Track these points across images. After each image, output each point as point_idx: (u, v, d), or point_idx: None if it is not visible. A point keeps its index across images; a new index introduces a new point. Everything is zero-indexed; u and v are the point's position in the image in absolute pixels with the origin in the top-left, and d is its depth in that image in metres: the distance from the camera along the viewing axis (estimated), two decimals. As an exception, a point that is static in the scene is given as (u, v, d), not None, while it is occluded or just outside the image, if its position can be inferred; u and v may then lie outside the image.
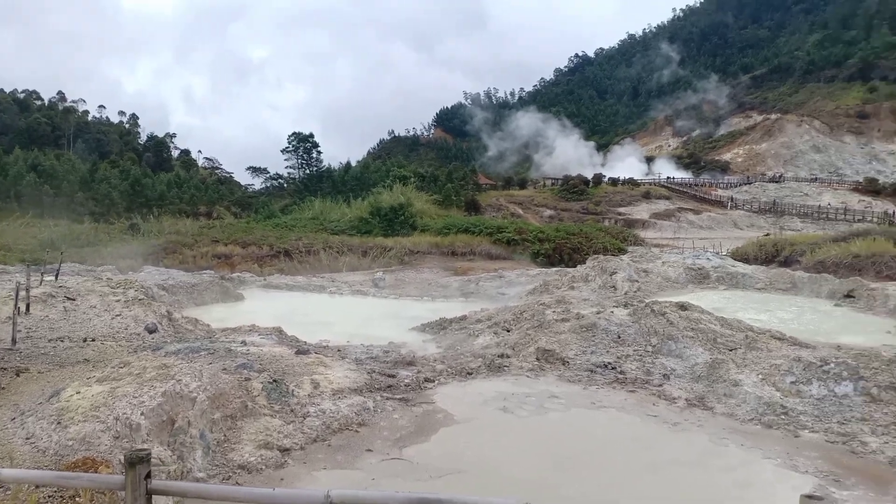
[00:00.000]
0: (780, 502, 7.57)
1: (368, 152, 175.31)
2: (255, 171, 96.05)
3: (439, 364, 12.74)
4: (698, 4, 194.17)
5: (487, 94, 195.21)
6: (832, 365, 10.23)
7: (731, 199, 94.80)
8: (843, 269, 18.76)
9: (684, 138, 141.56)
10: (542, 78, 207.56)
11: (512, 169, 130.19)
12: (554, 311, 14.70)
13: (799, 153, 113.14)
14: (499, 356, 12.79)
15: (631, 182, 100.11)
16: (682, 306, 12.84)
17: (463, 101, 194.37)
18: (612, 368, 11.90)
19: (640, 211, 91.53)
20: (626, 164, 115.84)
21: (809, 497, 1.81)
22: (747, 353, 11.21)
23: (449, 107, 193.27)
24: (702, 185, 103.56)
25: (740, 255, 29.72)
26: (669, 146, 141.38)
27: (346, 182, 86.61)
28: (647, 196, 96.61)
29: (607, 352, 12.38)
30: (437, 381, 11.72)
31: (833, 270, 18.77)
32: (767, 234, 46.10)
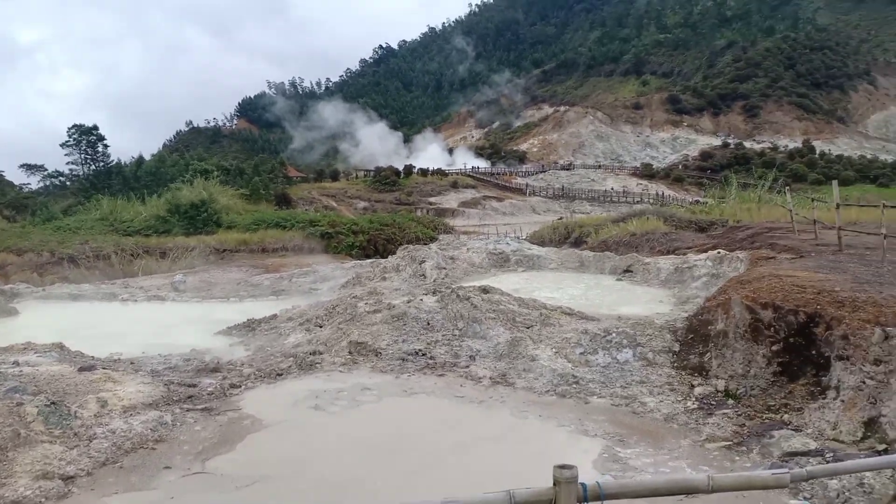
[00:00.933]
0: (576, 462, 8.21)
1: (164, 145, 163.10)
2: (30, 168, 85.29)
3: (247, 368, 12.21)
4: (491, 1, 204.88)
5: (293, 84, 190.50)
6: (614, 335, 11.29)
7: (527, 185, 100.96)
8: (622, 246, 20.92)
9: (486, 130, 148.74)
10: (348, 68, 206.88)
11: (322, 161, 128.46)
12: (366, 303, 14.69)
13: (585, 142, 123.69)
14: (311, 353, 12.53)
15: (440, 172, 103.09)
16: (485, 290, 13.45)
17: (267, 91, 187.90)
18: (423, 355, 12.16)
19: (450, 200, 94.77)
20: (432, 154, 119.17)
21: (562, 467, 1.90)
22: (542, 330, 12.01)
23: (252, 96, 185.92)
24: (503, 174, 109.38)
25: (537, 238, 31.89)
26: (473, 137, 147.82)
27: (140, 178, 79.94)
28: (454, 186, 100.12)
29: (418, 339, 12.61)
30: (244, 386, 11.21)
31: (614, 248, 20.86)
32: (560, 218, 49.94)
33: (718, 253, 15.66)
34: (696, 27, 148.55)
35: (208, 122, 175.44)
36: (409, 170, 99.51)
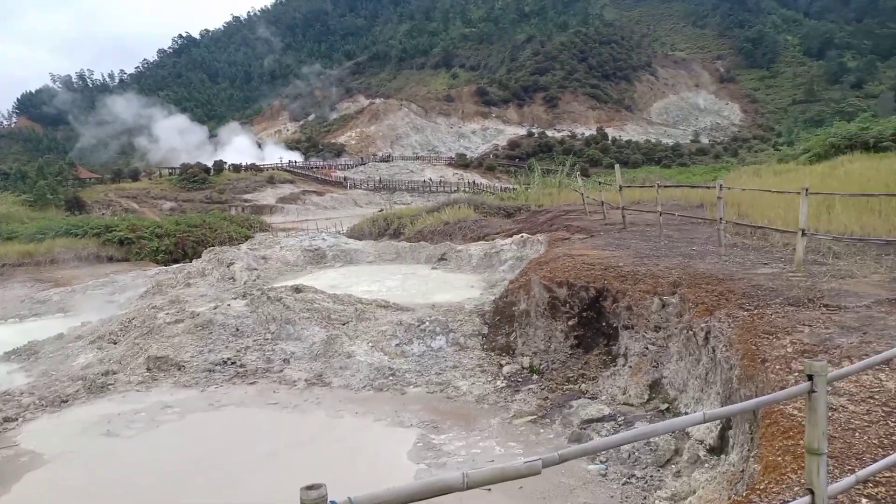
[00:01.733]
0: (385, 457, 8.19)
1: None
2: None
3: (27, 397, 10.81)
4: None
5: (81, 76, 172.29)
6: (427, 323, 11.42)
7: (346, 178, 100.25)
8: (437, 235, 21.42)
9: (301, 123, 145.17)
10: (144, 59, 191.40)
11: (119, 160, 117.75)
12: (167, 314, 13.62)
13: (402, 134, 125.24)
14: (103, 374, 11.36)
15: (254, 168, 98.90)
16: (297, 289, 13.03)
17: (51, 84, 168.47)
18: (233, 363, 11.51)
19: (267, 196, 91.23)
20: (241, 148, 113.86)
21: (309, 488, 1.73)
22: (358, 325, 11.87)
23: (34, 91, 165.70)
24: (322, 168, 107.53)
25: (357, 232, 31.71)
26: (288, 130, 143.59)
27: None
28: (271, 181, 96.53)
29: (226, 347, 11.92)
30: (22, 419, 9.93)
31: (430, 238, 21.30)
32: (381, 210, 50.11)
33: (522, 237, 16.50)
34: (498, 22, 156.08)
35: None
36: (219, 166, 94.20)
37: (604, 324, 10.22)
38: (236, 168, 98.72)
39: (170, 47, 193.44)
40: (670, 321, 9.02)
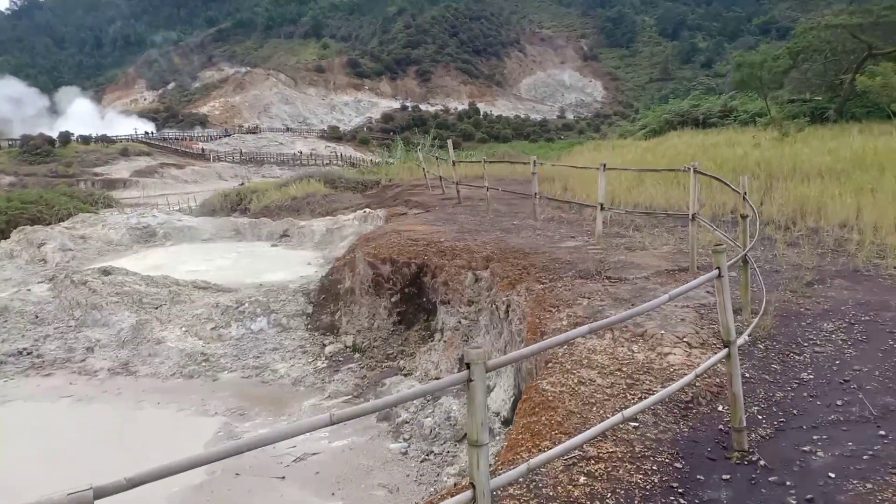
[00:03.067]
0: (181, 449, 7.67)
1: None
2: None
3: None
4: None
5: None
6: (247, 304, 10.90)
7: (209, 151, 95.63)
8: (284, 211, 20.67)
9: (160, 92, 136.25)
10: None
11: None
12: (-42, 301, 12.12)
13: (270, 105, 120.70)
14: None
15: (105, 139, 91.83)
16: (106, 271, 12.02)
17: None
18: (28, 354, 10.48)
19: (120, 170, 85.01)
20: (87, 119, 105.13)
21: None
22: (172, 308, 11.14)
23: None
24: (183, 140, 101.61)
25: (209, 207, 30.07)
26: (145, 100, 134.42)
27: None
28: (125, 154, 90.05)
29: (23, 336, 10.83)
30: None
31: (276, 214, 20.52)
32: (242, 184, 47.95)
33: (364, 212, 16.21)
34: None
35: None
36: (66, 137, 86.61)
37: (424, 299, 10.18)
38: (85, 140, 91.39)
39: (7, 9, 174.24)
40: (482, 295, 9.08)
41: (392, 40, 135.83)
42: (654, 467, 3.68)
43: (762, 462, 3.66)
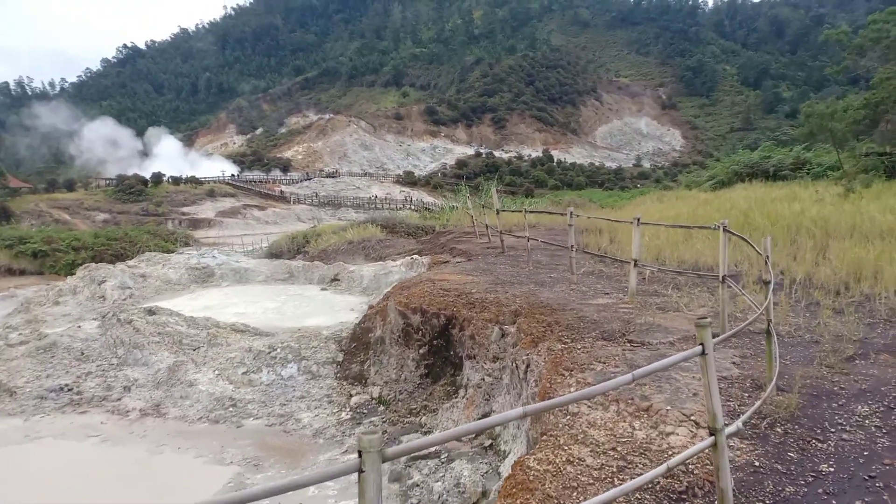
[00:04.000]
0: (187, 498, 7.59)
1: None
2: None
3: None
4: (248, 4, 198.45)
5: (20, 84, 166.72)
6: (278, 350, 10.88)
7: (290, 193, 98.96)
8: (340, 254, 20.89)
9: (248, 136, 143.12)
10: (87, 68, 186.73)
11: (56, 169, 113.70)
12: (20, 334, 12.73)
13: (350, 151, 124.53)
14: (-77, 401, 10.43)
15: (194, 181, 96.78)
16: (151, 311, 12.33)
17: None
18: (69, 390, 10.75)
19: (206, 210, 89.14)
20: (173, 157, 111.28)
21: None
22: (208, 351, 11.25)
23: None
24: (266, 182, 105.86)
25: (276, 249, 30.89)
26: (234, 143, 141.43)
27: None
28: (211, 194, 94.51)
29: (67, 372, 11.15)
30: None
31: (332, 257, 20.76)
32: (314, 227, 49.22)
33: (412, 258, 16.13)
34: (448, 43, 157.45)
35: None
36: (158, 178, 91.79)
37: (452, 353, 9.87)
38: (175, 181, 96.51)
39: (114, 57, 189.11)
40: (507, 352, 8.71)
41: (469, 88, 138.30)
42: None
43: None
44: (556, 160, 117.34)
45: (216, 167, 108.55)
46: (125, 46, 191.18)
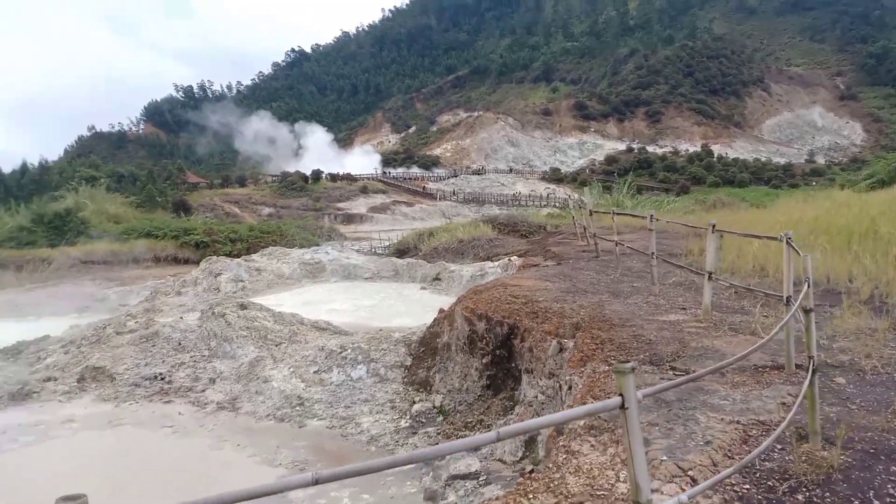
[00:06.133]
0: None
1: (66, 151, 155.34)
2: None
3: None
4: (404, 6, 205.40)
5: (202, 87, 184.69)
6: (349, 350, 10.86)
7: (437, 190, 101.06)
8: (450, 253, 20.74)
9: (402, 135, 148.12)
10: (260, 71, 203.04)
11: (230, 167, 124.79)
12: (136, 322, 13.81)
13: (497, 147, 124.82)
14: (44, 380, 11.60)
15: (349, 178, 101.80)
16: (243, 305, 12.84)
17: (174, 94, 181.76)
18: (162, 379, 11.44)
19: (359, 205, 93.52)
20: (353, 160, 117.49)
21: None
22: (288, 347, 11.49)
23: (159, 99, 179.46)
24: (415, 179, 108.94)
25: (404, 245, 31.48)
26: (389, 142, 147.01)
27: (24, 186, 75.79)
28: (364, 191, 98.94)
29: (163, 361, 11.88)
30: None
31: (443, 255, 20.65)
32: (449, 223, 49.75)
33: (508, 260, 15.58)
34: (601, 35, 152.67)
35: (113, 127, 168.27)
36: (317, 175, 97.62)
37: (513, 365, 9.28)
38: (333, 177, 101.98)
39: (283, 61, 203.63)
40: (563, 368, 8.00)
41: (622, 81, 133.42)
42: None
43: None
44: (716, 155, 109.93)
45: (360, 161, 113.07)
46: (293, 50, 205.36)
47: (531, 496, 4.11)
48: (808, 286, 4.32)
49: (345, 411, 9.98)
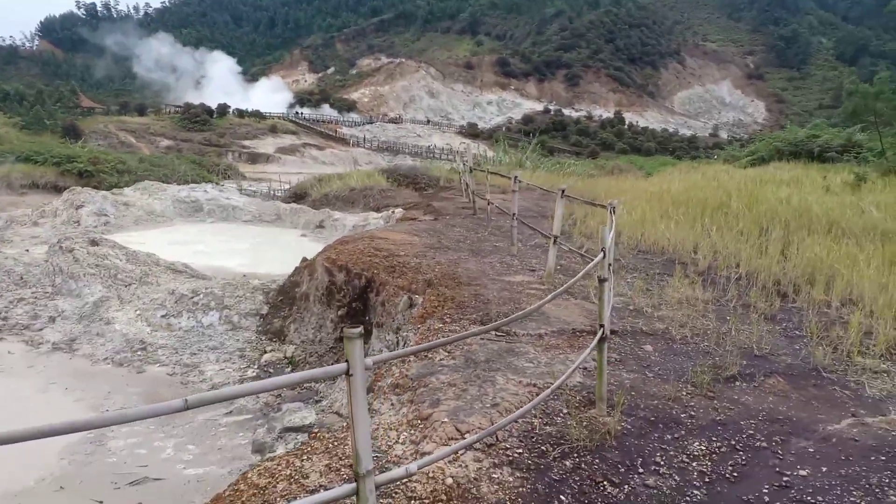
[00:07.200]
0: (39, 443, 7.17)
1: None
2: None
3: None
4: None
5: (106, 6, 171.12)
6: (201, 296, 10.35)
7: (347, 135, 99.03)
8: (340, 201, 20.23)
9: (319, 75, 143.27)
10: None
11: (138, 94, 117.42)
12: (-22, 253, 12.62)
13: (416, 97, 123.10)
14: None
15: (258, 115, 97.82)
16: (94, 241, 12.00)
17: (75, 10, 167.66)
18: (-5, 314, 10.54)
19: (266, 145, 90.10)
20: (264, 97, 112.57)
21: None
22: (138, 289, 10.84)
23: (58, 15, 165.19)
24: (329, 123, 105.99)
25: (301, 189, 30.52)
26: (306, 81, 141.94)
27: None
28: (273, 130, 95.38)
29: (0, 296, 10.93)
30: None
31: (333, 202, 20.15)
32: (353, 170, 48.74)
33: (391, 212, 15.34)
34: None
35: (3, 41, 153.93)
36: (223, 109, 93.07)
37: (367, 318, 9.09)
38: (241, 113, 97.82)
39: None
40: (409, 324, 7.87)
41: (545, 42, 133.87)
42: None
43: None
44: (627, 123, 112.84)
45: (269, 98, 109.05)
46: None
47: (305, 457, 3.92)
48: (605, 256, 4.27)
49: (190, 358, 9.54)
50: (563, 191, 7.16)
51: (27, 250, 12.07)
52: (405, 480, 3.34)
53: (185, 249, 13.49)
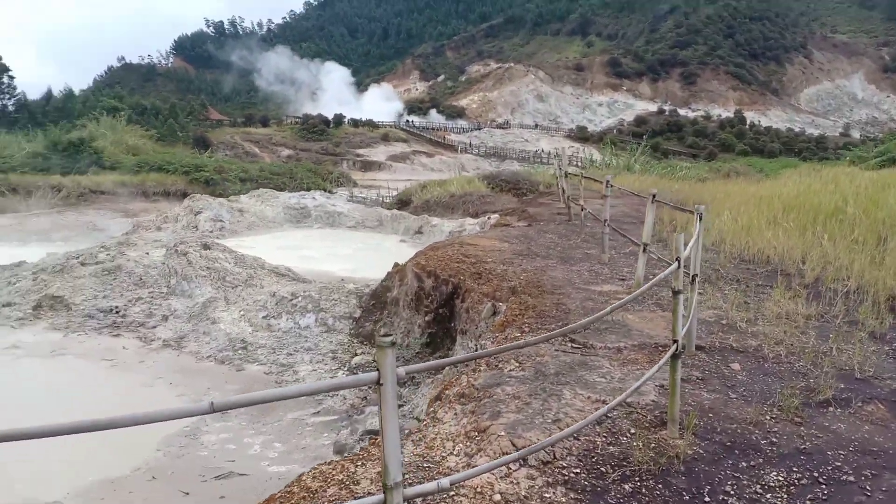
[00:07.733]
0: (138, 437, 7.66)
1: (95, 80, 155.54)
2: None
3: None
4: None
5: (233, 24, 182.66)
6: (300, 299, 10.74)
7: (460, 143, 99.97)
8: (441, 207, 20.37)
9: (430, 83, 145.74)
10: (291, 10, 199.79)
11: (257, 106, 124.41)
12: (107, 254, 13.81)
13: (524, 101, 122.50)
14: (3, 305, 11.68)
15: (370, 124, 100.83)
16: (206, 245, 12.74)
17: (205, 29, 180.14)
18: (116, 312, 11.45)
19: (378, 153, 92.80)
20: (376, 105, 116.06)
21: None
22: (243, 291, 11.40)
23: (189, 34, 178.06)
24: (438, 130, 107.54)
25: (406, 196, 31.13)
26: (417, 90, 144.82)
27: (48, 113, 76.22)
28: (385, 138, 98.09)
29: (121, 295, 11.88)
30: None
31: (433, 209, 20.33)
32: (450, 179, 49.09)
33: (487, 217, 15.27)
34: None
35: (142, 59, 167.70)
36: (339, 119, 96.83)
37: (452, 325, 9.09)
38: (355, 123, 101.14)
39: (315, 0, 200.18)
40: (489, 332, 7.79)
41: (659, 39, 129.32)
42: None
43: None
44: (748, 123, 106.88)
45: (380, 107, 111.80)
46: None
47: (360, 463, 3.94)
48: (679, 265, 4.00)
49: (286, 358, 9.91)
50: (654, 195, 6.83)
51: (147, 253, 13.02)
52: (444, 495, 3.26)
53: (292, 254, 14.09)
